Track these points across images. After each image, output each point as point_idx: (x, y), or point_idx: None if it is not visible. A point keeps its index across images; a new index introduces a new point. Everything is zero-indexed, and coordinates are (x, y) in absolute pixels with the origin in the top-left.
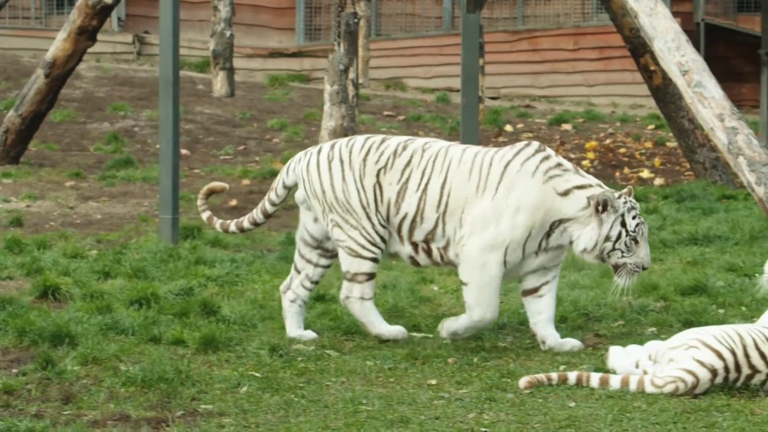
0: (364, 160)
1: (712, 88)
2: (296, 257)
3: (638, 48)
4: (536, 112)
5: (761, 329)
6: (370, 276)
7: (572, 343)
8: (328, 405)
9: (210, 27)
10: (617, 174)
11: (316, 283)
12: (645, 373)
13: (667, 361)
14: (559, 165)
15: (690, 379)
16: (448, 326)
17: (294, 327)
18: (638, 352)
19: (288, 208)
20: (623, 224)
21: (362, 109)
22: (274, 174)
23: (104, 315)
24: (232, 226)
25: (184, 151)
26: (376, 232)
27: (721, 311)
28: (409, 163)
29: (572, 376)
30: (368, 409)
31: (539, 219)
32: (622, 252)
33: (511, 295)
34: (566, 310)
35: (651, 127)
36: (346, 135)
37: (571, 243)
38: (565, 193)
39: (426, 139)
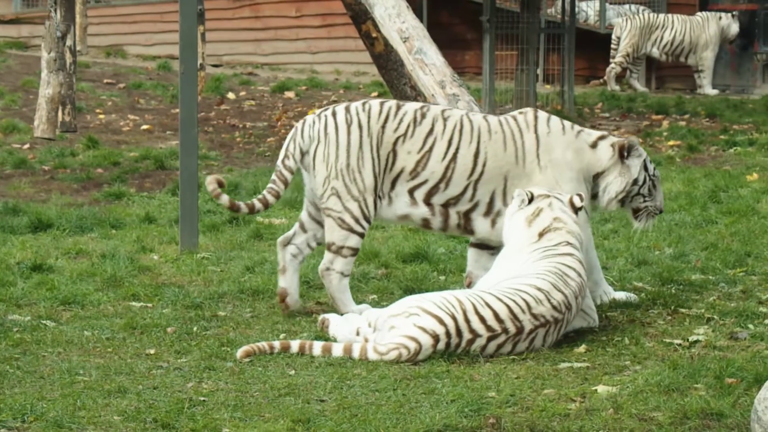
0: (383, 126)
1: (433, 55)
2: (305, 216)
3: (360, 15)
4: (259, 80)
5: (480, 294)
6: (355, 252)
7: None
8: (44, 376)
9: None
10: None
11: (320, 244)
12: (366, 340)
13: (388, 329)
14: (572, 123)
15: (413, 345)
16: None
17: (294, 283)
18: (357, 319)
19: (4, 177)
20: (645, 168)
21: (82, 77)
22: None
23: None
24: (258, 204)
25: None
26: (374, 207)
27: (442, 278)
28: (431, 131)
29: (294, 344)
30: (85, 379)
31: (584, 169)
32: (644, 196)
33: (231, 264)
34: None
35: (374, 94)
36: (64, 103)
37: (594, 197)
38: (594, 145)
39: (440, 105)
